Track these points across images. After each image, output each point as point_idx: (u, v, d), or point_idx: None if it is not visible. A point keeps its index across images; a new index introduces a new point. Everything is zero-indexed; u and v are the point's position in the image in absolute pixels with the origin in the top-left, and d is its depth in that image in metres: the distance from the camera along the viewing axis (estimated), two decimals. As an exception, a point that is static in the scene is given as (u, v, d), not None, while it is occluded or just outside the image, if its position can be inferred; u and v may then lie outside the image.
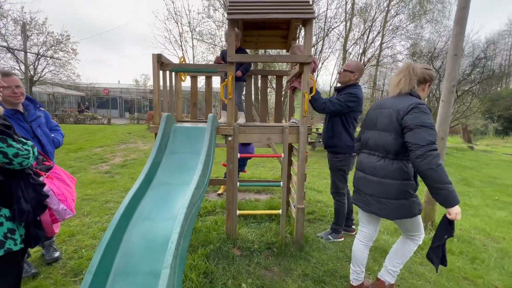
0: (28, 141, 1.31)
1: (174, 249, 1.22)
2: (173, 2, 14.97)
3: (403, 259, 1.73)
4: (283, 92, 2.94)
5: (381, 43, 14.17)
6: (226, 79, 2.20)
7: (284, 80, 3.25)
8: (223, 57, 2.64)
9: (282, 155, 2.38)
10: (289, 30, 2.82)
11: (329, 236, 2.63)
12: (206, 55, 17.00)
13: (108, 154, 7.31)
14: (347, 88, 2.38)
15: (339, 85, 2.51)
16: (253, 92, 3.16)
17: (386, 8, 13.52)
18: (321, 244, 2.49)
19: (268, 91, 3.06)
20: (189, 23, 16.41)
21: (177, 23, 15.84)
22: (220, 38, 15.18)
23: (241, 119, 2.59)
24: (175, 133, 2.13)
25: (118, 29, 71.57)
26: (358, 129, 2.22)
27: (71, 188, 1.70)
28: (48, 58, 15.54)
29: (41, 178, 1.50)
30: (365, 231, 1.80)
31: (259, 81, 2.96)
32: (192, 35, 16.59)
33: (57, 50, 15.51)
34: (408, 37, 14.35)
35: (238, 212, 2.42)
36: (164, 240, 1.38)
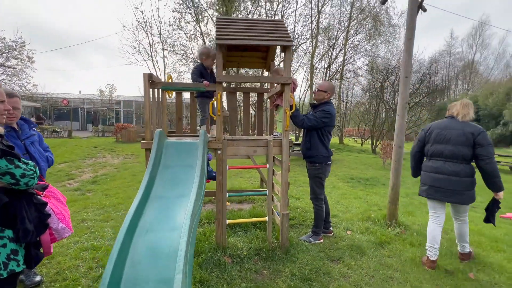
0: (30, 161, 1.34)
1: (184, 256, 1.34)
2: (142, 13, 14.67)
3: (468, 234, 2.56)
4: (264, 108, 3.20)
5: (344, 59, 15.51)
6: (214, 97, 2.39)
7: (265, 97, 3.52)
8: (201, 73, 2.80)
9: (267, 165, 2.60)
10: (268, 52, 3.12)
11: (310, 238, 2.88)
12: (178, 66, 16.91)
13: (74, 170, 6.86)
14: (322, 105, 2.72)
15: (314, 102, 2.85)
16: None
17: (347, 28, 14.94)
18: (304, 246, 2.73)
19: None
20: (160, 34, 16.28)
21: (147, 34, 15.61)
22: (191, 50, 15.28)
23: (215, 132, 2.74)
24: (167, 148, 2.23)
25: (80, 36, 67.13)
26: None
27: (66, 207, 1.71)
28: (-2, 66, 14.13)
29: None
30: (441, 216, 2.51)
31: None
32: (163, 46, 16.44)
33: (10, 58, 14.16)
34: (367, 54, 15.96)
35: (227, 221, 2.56)
36: (170, 249, 1.49)
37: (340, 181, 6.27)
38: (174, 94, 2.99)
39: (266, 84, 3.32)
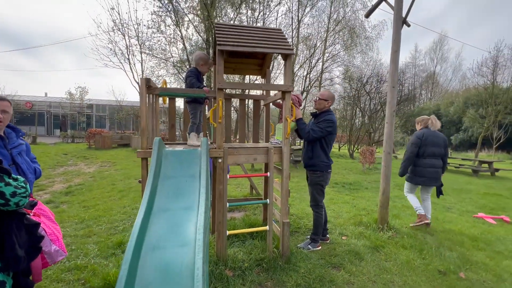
0: (19, 177, 1.18)
1: (202, 275, 1.25)
2: (119, 14, 14.04)
3: (430, 208, 3.67)
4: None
5: (322, 68, 16.12)
6: (215, 104, 2.31)
7: (261, 104, 3.50)
8: (198, 77, 2.70)
9: (268, 173, 2.57)
10: (264, 60, 3.12)
11: (309, 246, 2.87)
12: (157, 70, 16.38)
13: (44, 181, 6.25)
14: (323, 114, 2.76)
15: (315, 110, 2.89)
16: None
17: (325, 37, 15.59)
18: (304, 254, 2.71)
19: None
20: (138, 36, 15.69)
21: (123, 36, 14.96)
22: (171, 54, 14.90)
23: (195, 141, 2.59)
24: (166, 157, 2.10)
25: (43, 34, 62.26)
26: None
27: (57, 225, 1.53)
28: None
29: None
30: (429, 196, 3.67)
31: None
32: (141, 48, 15.84)
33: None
34: (343, 63, 16.74)
35: (227, 232, 2.47)
36: (182, 267, 1.38)
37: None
38: (167, 100, 2.86)
39: (262, 92, 3.31)
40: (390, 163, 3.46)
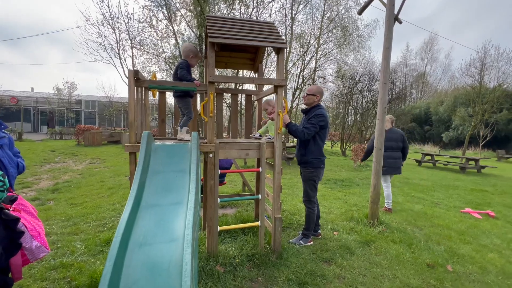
0: None
1: (190, 271, 1.22)
2: (108, 7, 13.67)
3: (391, 195, 4.29)
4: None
5: (315, 66, 16.16)
6: (206, 98, 2.27)
7: (253, 98, 3.47)
8: (188, 70, 2.63)
9: (260, 169, 2.55)
10: (256, 54, 3.08)
11: (300, 241, 2.87)
12: (148, 65, 16.07)
13: (29, 178, 6.06)
14: (313, 109, 2.75)
15: (305, 107, 2.87)
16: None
17: (318, 35, 15.61)
18: (296, 250, 2.71)
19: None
20: (128, 31, 15.33)
21: (113, 30, 14.58)
22: (163, 49, 14.64)
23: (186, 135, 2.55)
24: (155, 151, 2.05)
25: (28, 26, 59.93)
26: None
27: (40, 221, 1.47)
28: None
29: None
30: (389, 184, 4.27)
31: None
32: (131, 43, 15.49)
33: None
34: (336, 61, 16.81)
35: (218, 228, 2.44)
36: (171, 264, 1.34)
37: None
38: (157, 94, 2.79)
39: (255, 86, 3.27)
40: (381, 159, 3.49)
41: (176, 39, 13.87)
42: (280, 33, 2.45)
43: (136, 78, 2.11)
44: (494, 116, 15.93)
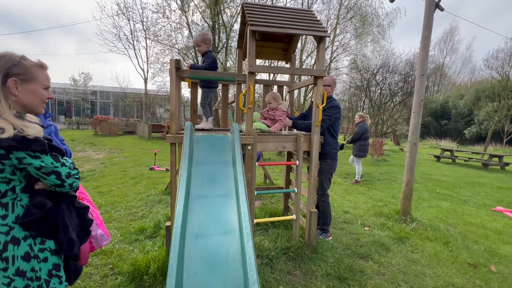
0: (67, 158, 1.11)
1: (255, 264, 1.20)
2: (123, -2, 13.64)
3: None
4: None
5: (331, 58, 15.73)
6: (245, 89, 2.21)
7: (285, 90, 3.39)
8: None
9: (297, 162, 2.49)
10: (290, 43, 2.98)
11: (320, 236, 2.82)
12: (161, 56, 16.08)
13: (55, 166, 6.23)
14: (327, 101, 2.62)
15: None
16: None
17: (335, 25, 15.12)
18: (329, 244, 2.68)
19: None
20: (142, 21, 15.33)
21: (128, 20, 14.62)
22: (176, 40, 14.57)
23: (205, 124, 2.55)
24: (197, 143, 2.03)
25: (42, 17, 60.89)
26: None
27: (97, 210, 1.47)
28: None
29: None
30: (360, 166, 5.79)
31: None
32: (145, 34, 15.50)
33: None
34: (353, 53, 16.30)
35: (254, 221, 2.42)
36: (228, 256, 1.33)
37: (338, 177, 6.35)
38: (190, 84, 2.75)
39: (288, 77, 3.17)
40: (416, 154, 3.37)
41: (189, 30, 13.77)
42: (321, 21, 2.33)
43: (177, 68, 2.07)
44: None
